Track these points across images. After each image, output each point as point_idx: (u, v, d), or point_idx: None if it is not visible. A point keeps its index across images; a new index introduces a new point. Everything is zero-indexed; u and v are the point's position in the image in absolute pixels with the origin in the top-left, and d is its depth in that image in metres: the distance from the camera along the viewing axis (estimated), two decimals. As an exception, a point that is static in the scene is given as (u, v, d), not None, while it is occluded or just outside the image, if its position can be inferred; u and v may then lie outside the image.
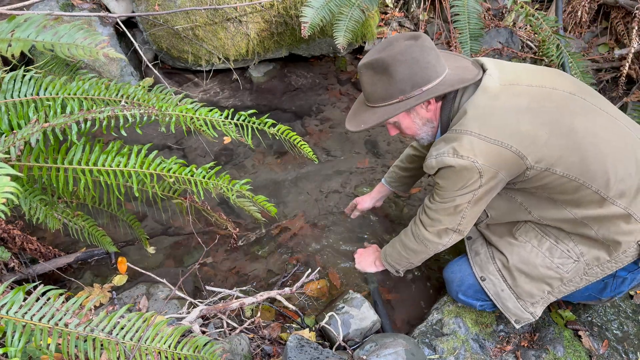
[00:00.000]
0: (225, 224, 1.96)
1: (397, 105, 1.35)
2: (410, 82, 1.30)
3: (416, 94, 1.32)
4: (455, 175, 1.32)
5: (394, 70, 1.29)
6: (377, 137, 2.60)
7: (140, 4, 2.64)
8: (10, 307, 1.01)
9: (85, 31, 1.22)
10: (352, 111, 1.49)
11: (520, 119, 1.26)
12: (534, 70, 1.41)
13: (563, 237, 1.43)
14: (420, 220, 1.53)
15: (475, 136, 1.26)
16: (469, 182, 1.31)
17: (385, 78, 1.31)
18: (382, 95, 1.35)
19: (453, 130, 1.31)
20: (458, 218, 1.43)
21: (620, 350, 1.63)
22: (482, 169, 1.27)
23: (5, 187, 0.92)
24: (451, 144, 1.29)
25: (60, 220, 1.57)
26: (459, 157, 1.27)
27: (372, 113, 1.39)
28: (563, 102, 1.30)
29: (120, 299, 1.75)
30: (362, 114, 1.43)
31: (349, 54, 3.18)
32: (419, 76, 1.30)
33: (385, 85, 1.32)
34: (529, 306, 1.49)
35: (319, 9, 2.36)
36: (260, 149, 2.51)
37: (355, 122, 1.44)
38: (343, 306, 1.69)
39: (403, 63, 1.29)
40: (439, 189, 1.41)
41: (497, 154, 1.26)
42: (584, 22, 3.12)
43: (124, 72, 2.73)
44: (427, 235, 1.51)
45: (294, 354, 1.38)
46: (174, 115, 1.43)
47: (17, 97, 1.37)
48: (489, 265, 1.54)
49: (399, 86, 1.31)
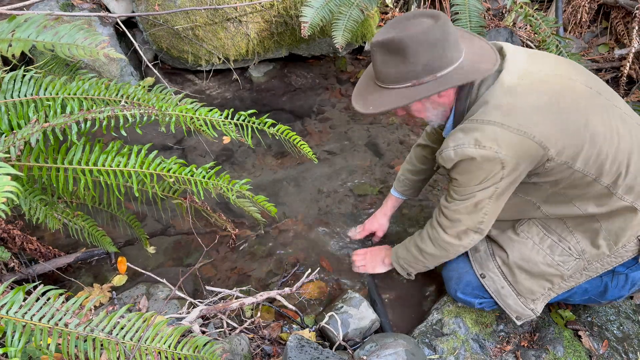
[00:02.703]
0: (225, 224, 1.96)
1: (409, 91, 1.25)
2: (427, 67, 1.22)
3: (429, 79, 1.23)
4: (476, 168, 1.26)
5: (411, 53, 1.20)
6: (377, 137, 2.59)
7: (140, 4, 2.64)
8: (10, 307, 1.01)
9: (85, 31, 1.22)
10: (359, 88, 1.40)
11: (542, 109, 1.22)
12: (551, 58, 1.37)
13: (566, 235, 1.42)
14: (438, 222, 1.47)
15: (498, 126, 1.21)
16: (490, 175, 1.26)
17: (400, 60, 1.22)
18: (394, 77, 1.26)
19: (473, 120, 1.25)
20: (479, 216, 1.36)
21: (620, 350, 1.63)
22: (505, 160, 1.22)
23: (5, 186, 0.92)
24: (472, 134, 1.23)
25: (60, 220, 1.57)
26: (482, 148, 1.22)
27: (384, 95, 1.29)
28: (580, 94, 1.28)
29: (120, 299, 1.75)
30: (371, 93, 1.34)
31: (348, 54, 3.18)
32: (436, 62, 1.21)
33: (399, 68, 1.23)
34: (530, 303, 1.49)
35: (319, 9, 2.36)
36: (260, 149, 2.51)
37: (363, 102, 1.35)
38: (342, 306, 1.69)
39: (422, 46, 1.19)
40: (457, 185, 1.34)
41: (520, 144, 1.21)
42: (584, 22, 3.12)
43: (124, 72, 2.73)
44: (447, 238, 1.45)
45: (294, 354, 1.38)
46: (174, 115, 1.43)
47: (17, 97, 1.37)
48: (488, 262, 1.53)
49: (414, 70, 1.22)
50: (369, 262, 1.84)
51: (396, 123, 2.69)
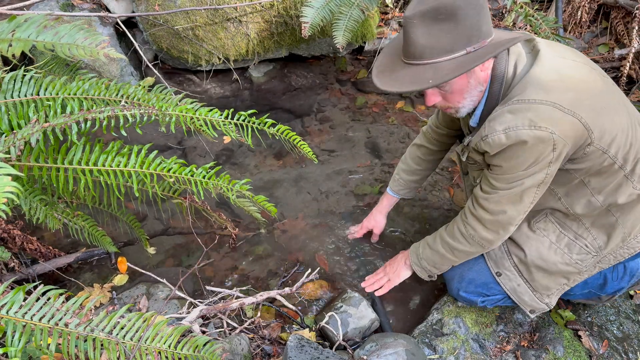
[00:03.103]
0: (225, 224, 1.96)
1: (464, 59, 1.14)
2: (479, 31, 1.13)
3: (482, 46, 1.14)
4: (527, 152, 1.18)
5: (465, 15, 1.10)
6: (377, 137, 2.60)
7: (140, 4, 2.64)
8: (10, 307, 1.01)
9: (85, 31, 1.22)
10: (382, 68, 1.27)
11: (584, 92, 1.20)
12: (567, 48, 1.35)
13: (582, 231, 1.40)
14: (475, 216, 1.38)
15: (551, 105, 1.15)
16: (540, 158, 1.19)
17: (452, 25, 1.11)
18: (445, 47, 1.14)
19: (522, 101, 1.18)
20: (525, 205, 1.29)
21: (620, 350, 1.63)
22: (557, 141, 1.16)
23: (6, 186, 0.92)
24: (525, 115, 1.16)
25: (60, 220, 1.57)
26: (537, 129, 1.15)
27: (429, 70, 1.16)
28: (606, 83, 1.28)
29: (120, 299, 1.75)
30: (407, 71, 1.20)
31: (349, 54, 3.18)
32: (484, 26, 1.14)
33: (452, 34, 1.12)
34: (545, 297, 1.49)
35: (319, 9, 2.36)
36: (260, 149, 2.51)
37: (400, 82, 1.21)
38: (341, 305, 1.69)
39: (473, 8, 1.11)
40: (502, 172, 1.26)
41: (570, 125, 1.16)
42: (584, 22, 3.12)
43: (124, 72, 2.73)
44: (485, 234, 1.38)
45: (294, 353, 1.38)
46: (174, 115, 1.43)
47: (17, 97, 1.37)
48: (504, 261, 1.51)
49: (467, 34, 1.12)
50: (392, 272, 1.73)
51: (396, 123, 2.69)
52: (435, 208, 2.19)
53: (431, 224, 2.12)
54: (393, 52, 1.28)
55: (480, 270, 1.56)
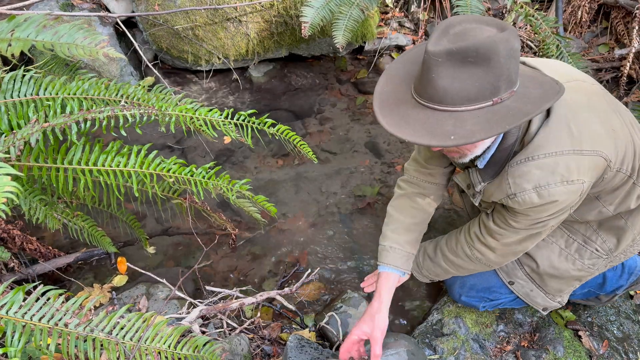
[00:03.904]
0: (225, 224, 1.96)
1: (489, 112, 0.97)
2: (509, 81, 0.97)
3: (509, 96, 0.99)
4: (559, 206, 1.13)
5: (498, 62, 0.94)
6: (377, 137, 2.59)
7: (140, 3, 2.64)
8: (10, 307, 1.00)
9: (85, 31, 1.22)
10: (388, 101, 1.08)
11: (592, 119, 1.12)
12: (553, 62, 1.30)
13: (590, 234, 1.38)
14: (484, 244, 1.32)
15: (577, 154, 1.08)
16: (569, 205, 1.15)
17: (483, 71, 0.94)
18: (469, 94, 0.96)
19: (549, 155, 1.09)
20: (541, 237, 1.26)
21: (620, 350, 1.63)
22: (585, 188, 1.11)
23: (5, 186, 0.92)
24: (556, 171, 1.08)
25: (60, 221, 1.57)
26: (570, 184, 1.08)
27: (449, 120, 0.98)
28: (602, 96, 1.23)
29: (120, 299, 1.75)
30: (421, 115, 1.01)
31: (348, 54, 3.18)
32: (514, 74, 0.99)
33: (480, 82, 0.95)
34: (557, 297, 1.50)
35: (319, 9, 2.36)
36: (260, 149, 2.51)
37: (413, 127, 1.01)
38: (341, 305, 1.69)
39: (509, 53, 0.95)
40: (524, 218, 1.19)
41: (594, 165, 1.11)
42: (584, 22, 3.12)
43: (123, 72, 2.72)
44: (494, 259, 1.34)
45: (294, 354, 1.38)
46: (174, 115, 1.43)
47: (16, 97, 1.36)
48: (516, 271, 1.50)
49: (497, 84, 0.96)
50: None
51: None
52: (435, 208, 2.19)
53: (431, 223, 2.12)
54: (401, 82, 1.10)
55: (481, 275, 1.55)
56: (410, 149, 2.47)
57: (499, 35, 0.94)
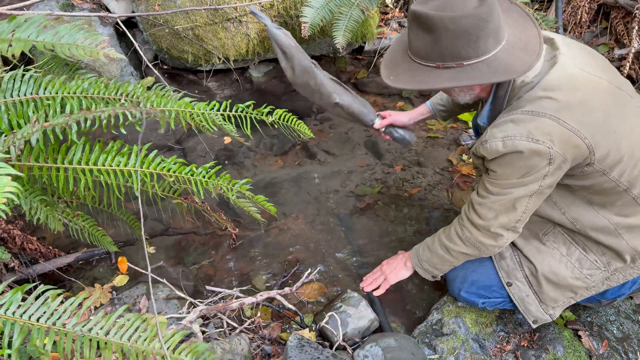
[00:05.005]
0: (225, 224, 1.96)
1: (433, 72, 1.19)
2: (453, 53, 1.15)
3: (452, 65, 1.17)
4: (522, 162, 1.19)
5: (438, 37, 1.14)
6: (377, 137, 2.59)
7: (140, 4, 2.64)
8: (8, 306, 1.01)
9: (85, 31, 1.22)
10: (390, 57, 1.32)
11: (594, 111, 1.18)
12: (594, 55, 1.31)
13: (591, 245, 1.40)
14: (470, 220, 1.38)
15: (554, 120, 1.14)
16: (534, 170, 1.19)
17: (429, 38, 1.16)
18: (421, 52, 1.20)
19: (526, 112, 1.18)
20: (517, 214, 1.29)
21: (620, 350, 1.63)
22: (554, 156, 1.16)
23: (6, 186, 0.92)
24: (525, 126, 1.16)
25: (61, 221, 1.57)
26: (534, 142, 1.15)
27: (412, 70, 1.23)
28: (621, 99, 1.25)
29: (120, 299, 1.75)
30: (401, 65, 1.26)
31: (348, 54, 3.18)
32: (463, 51, 1.14)
33: (427, 45, 1.17)
34: (550, 309, 1.49)
35: (319, 9, 2.36)
36: (261, 149, 2.51)
37: (394, 76, 1.27)
38: (341, 305, 1.69)
39: (448, 33, 1.13)
40: (496, 178, 1.26)
41: (572, 142, 1.16)
42: (584, 22, 3.12)
43: (124, 72, 2.73)
44: (481, 238, 1.37)
45: (294, 353, 1.38)
46: (173, 111, 1.43)
47: (16, 96, 1.37)
48: (516, 272, 1.51)
49: (439, 52, 1.16)
50: (389, 271, 1.71)
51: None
52: (435, 208, 2.19)
53: (431, 223, 2.12)
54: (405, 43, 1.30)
55: (484, 273, 1.56)
56: (411, 149, 2.48)
57: (461, 13, 1.09)
